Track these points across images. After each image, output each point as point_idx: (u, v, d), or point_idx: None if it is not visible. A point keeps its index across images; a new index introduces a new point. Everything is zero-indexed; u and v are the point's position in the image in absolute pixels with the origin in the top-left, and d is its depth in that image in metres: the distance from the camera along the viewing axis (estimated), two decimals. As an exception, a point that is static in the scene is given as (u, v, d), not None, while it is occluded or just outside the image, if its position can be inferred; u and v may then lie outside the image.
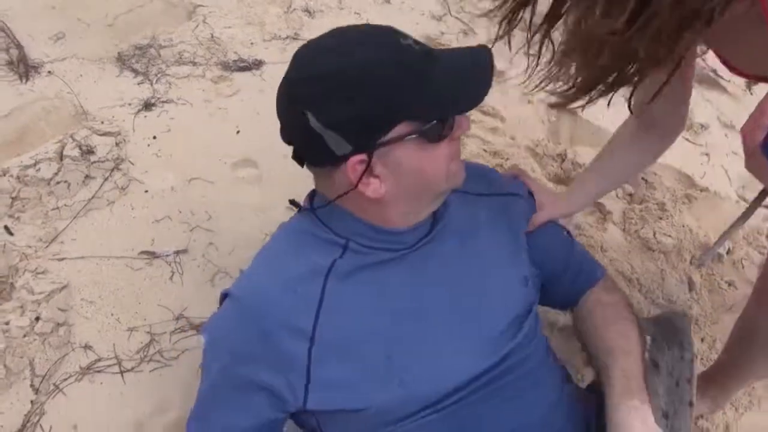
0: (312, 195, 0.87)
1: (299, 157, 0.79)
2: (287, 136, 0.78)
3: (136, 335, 1.19)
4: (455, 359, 0.80)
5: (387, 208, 0.79)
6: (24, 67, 1.57)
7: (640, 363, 0.85)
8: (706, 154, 1.96)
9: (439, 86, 0.72)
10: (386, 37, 0.73)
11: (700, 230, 1.72)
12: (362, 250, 0.81)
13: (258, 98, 1.68)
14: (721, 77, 2.24)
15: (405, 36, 0.73)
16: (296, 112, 0.71)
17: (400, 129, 0.71)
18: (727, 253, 1.67)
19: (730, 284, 1.61)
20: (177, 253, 1.32)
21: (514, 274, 0.89)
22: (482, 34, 2.11)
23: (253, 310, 0.78)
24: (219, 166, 1.50)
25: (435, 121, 0.73)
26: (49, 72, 1.59)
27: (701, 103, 2.10)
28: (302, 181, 1.49)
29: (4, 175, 1.31)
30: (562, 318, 1.41)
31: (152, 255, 1.29)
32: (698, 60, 1.12)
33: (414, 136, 0.72)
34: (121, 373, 1.14)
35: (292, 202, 0.91)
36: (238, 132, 1.59)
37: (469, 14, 2.22)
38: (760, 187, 1.34)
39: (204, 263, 1.32)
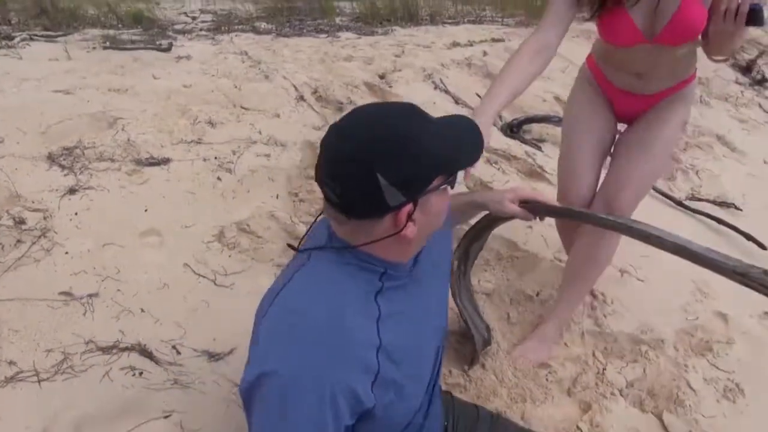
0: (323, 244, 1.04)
1: (347, 211, 0.94)
2: (344, 194, 0.91)
3: (52, 355, 1.57)
4: (435, 361, 1.19)
5: (410, 246, 1.01)
6: (-32, 163, 2.03)
7: None
8: (530, 227, 2.61)
9: (460, 145, 0.99)
10: (412, 109, 0.96)
11: (520, 281, 2.31)
12: (394, 276, 1.03)
13: (164, 185, 2.20)
14: (546, 171, 2.99)
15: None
16: (367, 172, 0.88)
17: (436, 181, 0.94)
18: (537, 294, 2.26)
19: (540, 317, 2.17)
20: (90, 296, 1.74)
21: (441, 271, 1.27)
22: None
23: (337, 332, 0.90)
24: (129, 234, 1.97)
25: (455, 174, 0.98)
26: (-10, 167, 2.05)
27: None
28: (195, 245, 1.98)
29: (-50, 239, 1.73)
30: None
31: (69, 296, 1.71)
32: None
33: (443, 186, 0.97)
34: (39, 381, 1.51)
35: (291, 246, 1.10)
36: (146, 210, 2.08)
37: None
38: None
39: (112, 304, 1.75)
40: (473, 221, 1.79)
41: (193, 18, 5.45)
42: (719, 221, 2.99)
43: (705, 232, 2.95)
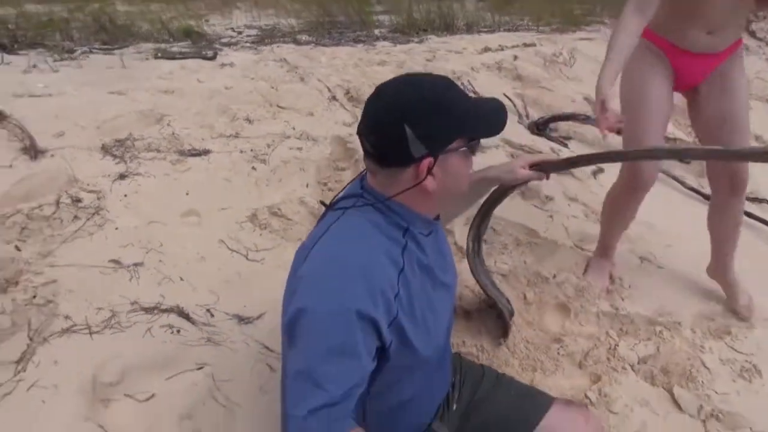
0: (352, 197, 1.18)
1: (379, 159, 1.10)
2: (378, 144, 1.08)
3: (102, 312, 1.79)
4: (448, 318, 1.32)
5: (431, 200, 1.14)
6: (34, 152, 2.31)
7: None
8: (551, 216, 2.71)
9: (483, 116, 1.13)
10: (448, 80, 1.13)
11: (537, 265, 2.42)
12: (415, 234, 1.16)
13: (204, 173, 2.43)
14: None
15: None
16: (397, 124, 1.04)
17: (457, 142, 1.09)
18: (554, 277, 2.35)
19: (555, 298, 2.27)
20: (135, 264, 1.96)
21: None
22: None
23: (369, 269, 1.04)
24: (171, 214, 2.20)
25: (476, 141, 1.13)
26: (52, 155, 2.33)
27: (550, 184, 2.90)
28: (230, 225, 2.18)
29: (17, 213, 1.99)
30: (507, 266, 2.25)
31: (118, 264, 1.94)
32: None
33: (464, 148, 1.11)
34: (90, 334, 1.72)
35: (322, 203, 1.28)
36: (187, 194, 2.31)
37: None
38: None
39: (155, 272, 1.96)
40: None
41: (239, 33, 5.78)
42: (750, 215, 3.01)
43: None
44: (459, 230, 2.44)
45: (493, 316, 2.11)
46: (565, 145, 3.32)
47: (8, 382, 1.54)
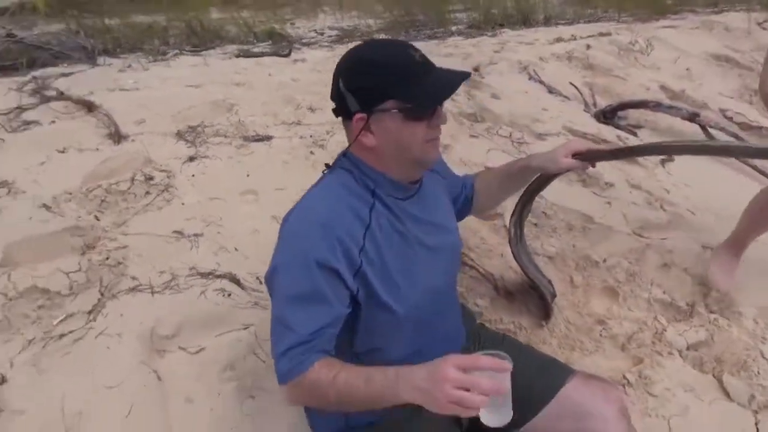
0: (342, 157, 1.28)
1: (334, 109, 1.22)
2: (331, 92, 1.20)
3: (163, 275, 2.00)
4: (433, 281, 1.32)
5: (384, 160, 1.20)
6: (117, 137, 2.60)
7: None
8: (608, 203, 2.67)
9: (421, 84, 1.13)
10: (402, 47, 1.18)
11: (589, 249, 2.40)
12: (383, 196, 1.23)
13: (265, 157, 2.62)
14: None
15: (416, 50, 1.18)
16: (336, 78, 1.16)
17: (389, 104, 1.13)
18: (604, 261, 2.33)
19: (603, 282, 2.25)
20: (196, 235, 2.17)
21: (452, 219, 1.49)
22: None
23: (329, 223, 1.14)
24: (231, 193, 2.40)
25: (410, 105, 1.14)
26: (132, 140, 2.61)
27: (611, 170, 2.86)
28: (284, 203, 2.34)
29: (98, 187, 2.26)
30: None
31: (181, 234, 2.15)
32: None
33: (395, 110, 1.14)
34: (152, 293, 1.94)
35: (327, 165, 1.31)
36: (248, 175, 2.50)
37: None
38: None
39: (212, 242, 2.16)
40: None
41: (321, 34, 6.05)
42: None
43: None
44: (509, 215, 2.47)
45: (535, 297, 2.13)
46: (634, 134, 3.24)
47: (80, 329, 1.78)
